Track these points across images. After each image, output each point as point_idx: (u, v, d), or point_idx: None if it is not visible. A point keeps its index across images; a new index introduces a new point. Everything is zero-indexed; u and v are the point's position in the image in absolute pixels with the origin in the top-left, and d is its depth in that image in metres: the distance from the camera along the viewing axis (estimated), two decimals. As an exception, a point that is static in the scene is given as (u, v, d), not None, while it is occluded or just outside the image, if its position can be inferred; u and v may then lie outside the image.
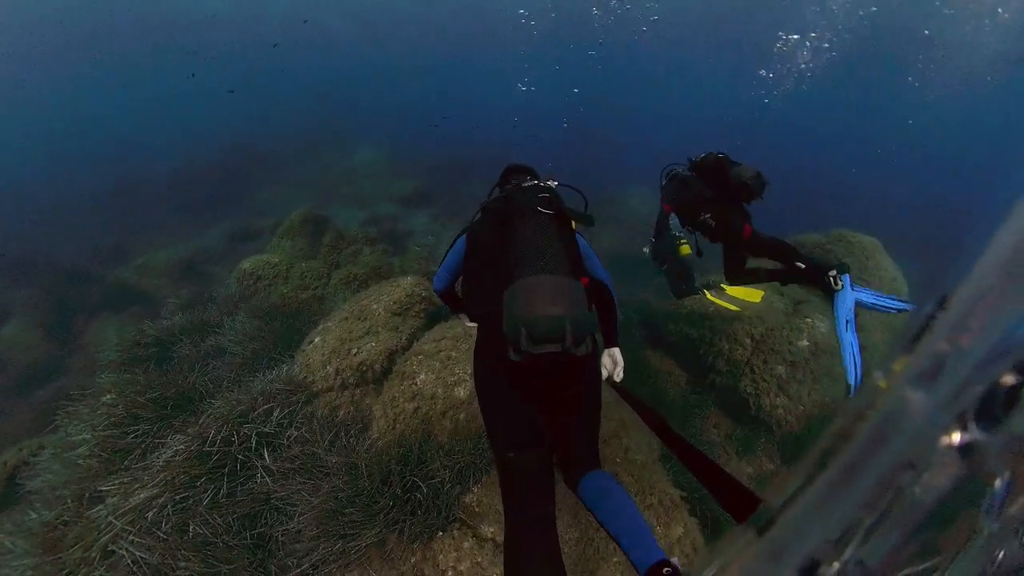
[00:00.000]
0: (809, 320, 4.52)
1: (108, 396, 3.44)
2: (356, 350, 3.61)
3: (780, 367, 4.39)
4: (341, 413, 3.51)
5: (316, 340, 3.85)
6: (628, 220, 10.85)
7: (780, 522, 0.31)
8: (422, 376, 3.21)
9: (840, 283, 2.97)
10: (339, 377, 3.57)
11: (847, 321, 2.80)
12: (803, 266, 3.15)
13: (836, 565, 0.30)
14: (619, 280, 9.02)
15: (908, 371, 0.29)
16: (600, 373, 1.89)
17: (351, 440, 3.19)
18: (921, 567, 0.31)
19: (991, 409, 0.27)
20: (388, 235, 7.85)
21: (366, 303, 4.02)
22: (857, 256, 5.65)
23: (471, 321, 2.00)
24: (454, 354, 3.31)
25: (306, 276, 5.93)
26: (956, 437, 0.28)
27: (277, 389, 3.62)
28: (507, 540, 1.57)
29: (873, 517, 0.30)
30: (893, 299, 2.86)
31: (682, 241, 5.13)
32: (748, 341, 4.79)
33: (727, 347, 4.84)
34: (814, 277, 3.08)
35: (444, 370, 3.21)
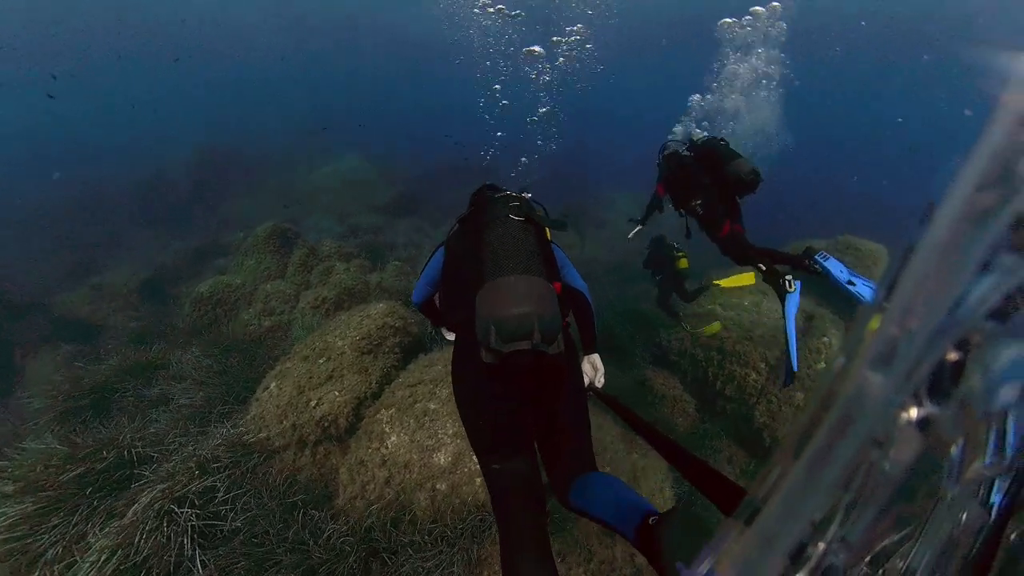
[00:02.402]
0: (826, 339, 4.06)
1: (10, 485, 2.61)
2: (316, 401, 2.94)
3: (799, 394, 3.83)
4: (302, 476, 2.77)
5: (272, 386, 3.15)
6: (617, 225, 10.20)
7: (765, 511, 0.32)
8: (394, 439, 2.56)
9: (817, 263, 3.08)
10: (297, 433, 2.82)
11: (793, 315, 3.00)
12: (764, 269, 3.20)
13: (822, 545, 0.31)
14: (613, 290, 8.13)
15: (866, 356, 0.31)
16: (582, 380, 1.91)
17: (310, 521, 2.82)
18: (898, 536, 0.33)
19: (941, 384, 0.30)
20: (367, 248, 7.29)
21: (330, 338, 3.33)
22: (865, 263, 5.17)
23: (451, 330, 2.04)
24: (432, 406, 2.66)
25: (271, 299, 5.17)
26: (913, 413, 0.31)
27: (223, 454, 3.15)
28: (502, 550, 1.55)
29: (850, 495, 0.31)
30: (864, 283, 2.92)
31: (680, 254, 5.00)
32: (763, 366, 4.20)
33: (739, 371, 4.26)
34: (798, 263, 3.14)
35: (420, 430, 2.55)
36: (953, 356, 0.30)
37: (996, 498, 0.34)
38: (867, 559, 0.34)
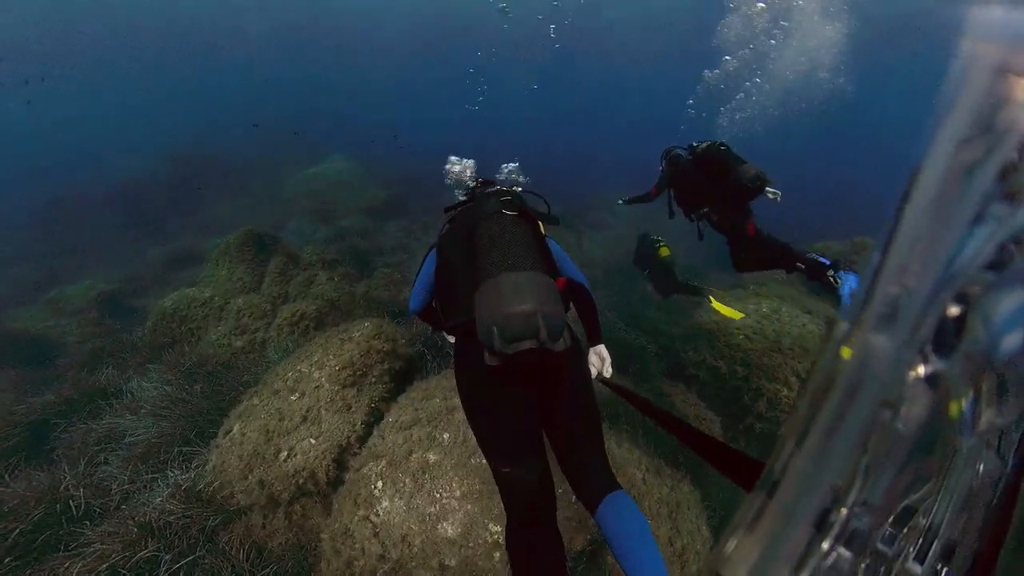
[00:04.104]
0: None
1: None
2: (287, 452, 2.29)
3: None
4: (274, 543, 2.09)
5: (235, 429, 2.54)
6: (616, 227, 9.68)
7: (784, 482, 0.31)
8: (386, 504, 2.00)
9: (839, 281, 3.01)
10: (266, 491, 2.15)
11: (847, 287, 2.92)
12: (803, 266, 3.12)
13: (844, 511, 0.31)
14: (615, 292, 7.39)
15: (870, 318, 0.31)
16: (589, 372, 1.84)
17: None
18: (919, 494, 0.33)
19: (945, 339, 0.30)
20: (352, 254, 6.80)
21: (305, 367, 2.69)
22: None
23: (450, 334, 1.94)
24: (432, 457, 2.10)
25: (243, 315, 4.43)
26: (921, 370, 0.30)
27: (175, 510, 2.59)
28: (510, 549, 1.53)
29: (867, 459, 0.31)
30: None
31: (660, 243, 5.04)
32: (794, 380, 3.66)
33: (769, 387, 3.77)
34: (816, 274, 3.09)
35: (418, 492, 1.98)
36: (954, 310, 0.31)
37: (1008, 449, 0.34)
38: (890, 519, 0.33)
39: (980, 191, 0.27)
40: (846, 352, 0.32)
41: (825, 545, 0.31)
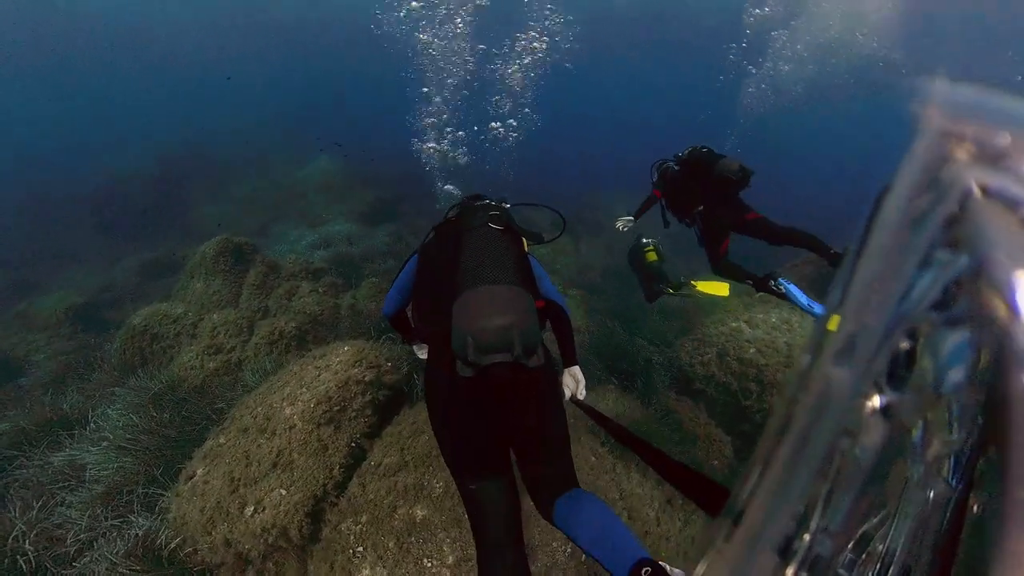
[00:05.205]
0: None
1: None
2: (254, 506, 1.98)
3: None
4: None
5: (198, 474, 2.29)
6: (614, 231, 9.34)
7: (750, 510, 0.32)
8: (366, 572, 1.66)
9: (782, 287, 3.27)
10: (233, 550, 1.83)
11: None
12: (831, 250, 3.24)
13: (807, 537, 0.32)
14: (614, 299, 7.07)
15: (829, 351, 0.33)
16: (561, 393, 1.89)
17: None
18: (875, 520, 0.35)
19: (897, 372, 0.33)
20: (339, 262, 6.41)
21: (277, 401, 2.35)
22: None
23: (423, 342, 1.98)
24: (420, 513, 1.80)
25: (218, 333, 4.10)
26: (876, 401, 0.33)
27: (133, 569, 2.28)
28: (480, 568, 1.51)
29: (827, 486, 0.32)
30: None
31: (648, 248, 5.08)
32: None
33: (782, 403, 3.33)
34: (762, 285, 3.33)
35: (404, 559, 1.79)
36: (905, 345, 0.33)
37: (955, 474, 0.36)
38: (850, 545, 0.35)
39: (927, 239, 0.31)
40: (811, 381, 0.34)
41: (790, 571, 0.32)
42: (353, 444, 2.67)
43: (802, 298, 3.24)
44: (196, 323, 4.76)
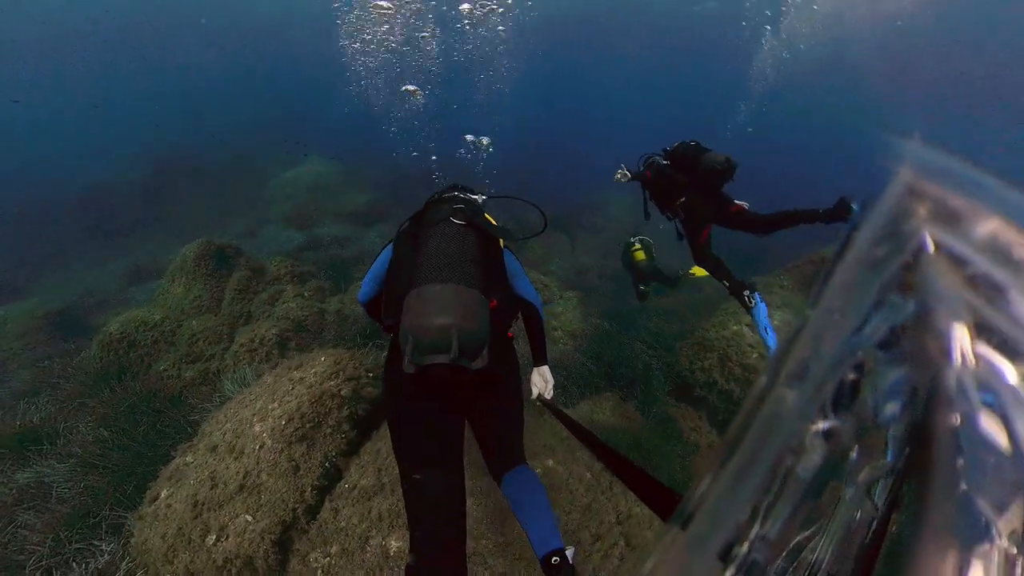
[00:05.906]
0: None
1: None
2: (217, 533, 1.78)
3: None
4: None
5: (162, 495, 2.09)
6: (611, 230, 9.24)
7: (698, 515, 0.34)
8: None
9: (753, 301, 3.26)
10: None
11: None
12: (820, 211, 3.20)
13: (746, 544, 0.33)
14: (611, 299, 6.85)
15: (784, 374, 0.35)
16: (519, 394, 1.88)
17: None
18: (808, 532, 0.37)
19: (841, 400, 0.35)
20: (329, 264, 6.21)
21: (246, 416, 2.22)
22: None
23: (386, 332, 1.89)
24: (394, 544, 1.62)
25: (197, 340, 3.90)
26: (820, 425, 0.35)
27: None
28: (412, 562, 1.48)
29: (769, 498, 0.34)
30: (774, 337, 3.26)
31: (635, 248, 5.02)
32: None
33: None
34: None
35: None
36: (851, 376, 0.36)
37: (881, 496, 0.39)
38: (784, 553, 0.37)
39: (883, 282, 0.34)
40: (765, 400, 0.36)
41: (728, 574, 0.34)
42: (327, 464, 2.48)
43: (763, 320, 3.27)
44: (174, 330, 4.60)
